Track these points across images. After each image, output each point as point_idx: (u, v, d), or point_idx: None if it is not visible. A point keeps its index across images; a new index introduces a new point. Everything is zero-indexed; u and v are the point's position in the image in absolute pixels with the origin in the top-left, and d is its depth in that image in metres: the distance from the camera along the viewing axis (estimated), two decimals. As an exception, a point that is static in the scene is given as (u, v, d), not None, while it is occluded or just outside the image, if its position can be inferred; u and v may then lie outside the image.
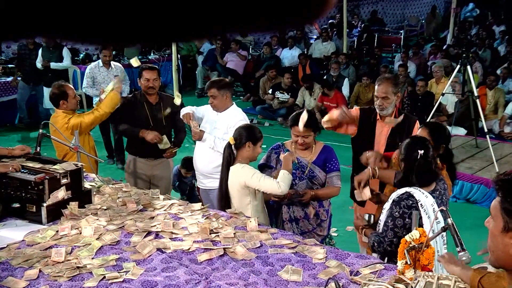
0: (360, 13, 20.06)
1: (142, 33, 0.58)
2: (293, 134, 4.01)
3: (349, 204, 5.13)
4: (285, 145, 4.16)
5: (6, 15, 0.55)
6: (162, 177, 5.18)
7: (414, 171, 3.12)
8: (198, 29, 0.58)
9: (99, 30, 0.57)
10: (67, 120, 4.65)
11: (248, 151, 3.83)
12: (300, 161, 4.05)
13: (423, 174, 3.13)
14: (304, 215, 4.07)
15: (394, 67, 12.22)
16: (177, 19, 0.57)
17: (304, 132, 3.92)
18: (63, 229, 3.35)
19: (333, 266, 2.93)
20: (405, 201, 3.06)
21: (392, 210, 3.11)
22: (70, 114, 4.74)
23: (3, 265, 2.98)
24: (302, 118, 3.84)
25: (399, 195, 3.11)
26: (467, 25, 17.54)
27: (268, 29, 0.62)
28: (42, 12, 0.55)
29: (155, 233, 3.37)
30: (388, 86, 4.14)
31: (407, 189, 3.10)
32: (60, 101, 4.71)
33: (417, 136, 3.41)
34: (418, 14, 21.72)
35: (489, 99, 9.45)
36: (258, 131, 3.93)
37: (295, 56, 12.79)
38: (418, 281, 2.34)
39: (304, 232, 4.06)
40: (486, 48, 12.91)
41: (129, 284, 2.77)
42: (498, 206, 1.92)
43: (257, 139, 3.86)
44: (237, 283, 2.77)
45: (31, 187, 3.55)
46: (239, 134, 3.86)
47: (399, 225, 3.07)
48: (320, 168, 4.06)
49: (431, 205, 3.03)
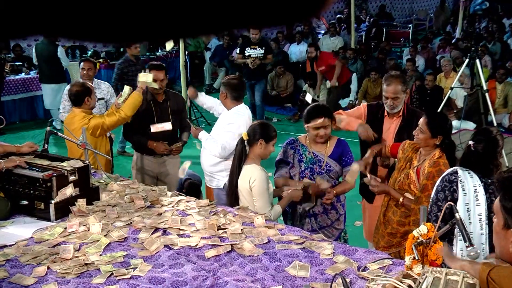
0: (368, 7, 19.98)
1: (149, 30, 0.58)
2: (311, 128, 3.97)
3: (358, 199, 5.12)
4: (300, 140, 4.14)
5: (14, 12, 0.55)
6: (169, 174, 5.19)
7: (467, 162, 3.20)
8: (204, 24, 0.58)
9: (105, 28, 0.57)
10: (87, 121, 4.53)
11: (260, 148, 3.80)
12: (316, 155, 4.04)
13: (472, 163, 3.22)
14: (323, 210, 4.08)
15: (403, 61, 12.15)
16: (183, 15, 0.56)
17: (325, 122, 3.92)
18: (71, 226, 3.36)
19: (341, 262, 2.92)
20: (449, 175, 3.16)
21: (437, 185, 3.22)
22: (89, 113, 4.65)
23: (12, 262, 2.99)
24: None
25: (448, 171, 3.22)
26: (477, 18, 17.42)
27: (274, 23, 0.61)
28: (46, 10, 0.55)
29: (163, 230, 3.37)
30: (398, 86, 4.13)
31: (456, 167, 3.19)
32: (85, 98, 4.59)
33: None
34: (427, 7, 21.59)
35: (499, 92, 9.38)
36: (272, 130, 3.89)
37: (303, 51, 12.75)
38: (426, 276, 2.33)
39: (322, 226, 4.08)
40: (496, 42, 12.81)
41: (136, 281, 2.78)
42: (499, 204, 2.00)
43: (270, 137, 3.83)
44: (244, 279, 2.77)
45: (39, 184, 3.57)
46: (253, 130, 3.84)
47: (441, 198, 3.14)
48: (336, 162, 4.07)
49: (473, 185, 3.08)
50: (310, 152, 4.04)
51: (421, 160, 3.68)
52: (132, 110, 4.70)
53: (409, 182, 3.71)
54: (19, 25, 0.56)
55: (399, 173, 3.80)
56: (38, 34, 0.60)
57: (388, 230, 3.87)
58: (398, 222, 3.80)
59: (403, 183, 3.74)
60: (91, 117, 4.59)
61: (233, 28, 0.61)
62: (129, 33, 0.58)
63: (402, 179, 3.75)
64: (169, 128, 5.00)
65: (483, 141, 3.17)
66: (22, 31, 0.57)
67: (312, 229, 4.01)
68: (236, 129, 4.40)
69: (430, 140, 3.57)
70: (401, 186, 3.76)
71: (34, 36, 0.63)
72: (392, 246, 3.86)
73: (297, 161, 4.04)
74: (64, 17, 0.55)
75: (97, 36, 0.59)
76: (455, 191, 3.09)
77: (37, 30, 0.58)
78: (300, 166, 4.04)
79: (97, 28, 0.57)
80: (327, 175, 4.04)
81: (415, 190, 3.66)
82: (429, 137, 3.57)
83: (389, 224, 3.87)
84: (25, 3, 0.55)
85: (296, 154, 4.05)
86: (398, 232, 3.80)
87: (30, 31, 0.58)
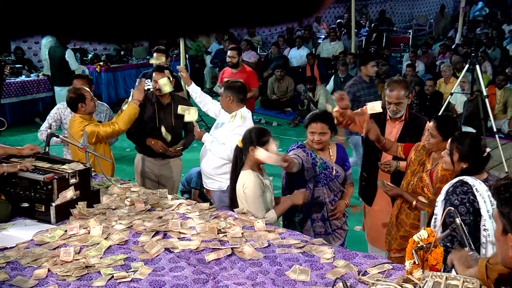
0: (369, 12, 20.02)
1: (148, 30, 0.58)
2: (309, 133, 4.00)
3: (357, 204, 5.14)
4: (306, 144, 4.12)
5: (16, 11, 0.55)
6: (170, 177, 5.21)
7: (480, 166, 3.20)
8: (203, 24, 0.58)
9: (106, 28, 0.57)
10: (82, 127, 4.51)
11: (252, 155, 3.72)
12: (324, 161, 4.07)
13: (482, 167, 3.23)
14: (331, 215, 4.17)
15: (403, 66, 12.18)
16: (182, 14, 0.57)
17: (322, 129, 3.93)
18: (72, 229, 3.37)
19: (341, 266, 2.92)
20: (460, 187, 3.10)
21: (449, 199, 3.11)
22: (87, 119, 4.62)
23: (12, 264, 2.99)
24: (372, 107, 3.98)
25: (453, 184, 3.15)
26: (477, 24, 17.47)
27: (272, 23, 0.62)
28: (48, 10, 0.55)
29: (163, 233, 3.38)
30: (400, 91, 4.17)
31: (459, 178, 3.14)
32: (79, 104, 4.59)
33: (468, 134, 3.44)
34: (427, 13, 21.65)
35: (498, 98, 9.40)
36: (263, 135, 3.74)
37: (303, 56, 12.78)
38: (426, 281, 2.33)
39: (334, 229, 4.17)
40: (495, 47, 12.83)
41: (137, 284, 2.78)
42: (497, 210, 2.02)
43: (263, 141, 3.70)
44: (244, 283, 2.77)
45: (40, 187, 3.57)
46: (244, 137, 3.80)
47: (463, 212, 3.04)
48: (341, 168, 4.14)
49: (486, 191, 3.04)
50: (319, 157, 4.07)
51: (434, 164, 3.69)
52: (127, 123, 4.65)
53: (423, 185, 3.72)
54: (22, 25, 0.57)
55: (412, 177, 3.81)
56: (39, 34, 0.60)
57: (400, 233, 3.89)
58: (411, 225, 3.81)
59: (416, 186, 3.76)
60: (87, 124, 4.56)
61: (230, 27, 0.62)
62: (131, 33, 0.59)
63: (415, 183, 3.76)
64: (168, 138, 4.99)
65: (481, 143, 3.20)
66: (24, 30, 0.58)
67: (325, 233, 4.06)
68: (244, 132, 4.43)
69: (442, 144, 3.56)
70: (414, 189, 3.77)
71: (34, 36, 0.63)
72: (404, 249, 3.87)
73: (311, 165, 4.05)
74: (65, 17, 0.56)
75: (98, 36, 0.60)
76: (474, 200, 3.03)
77: (38, 30, 0.58)
78: (315, 170, 4.05)
79: (97, 28, 0.57)
80: (336, 181, 4.12)
81: (428, 193, 3.67)
82: (440, 140, 3.58)
83: (401, 227, 3.89)
84: (27, 3, 0.55)
85: (309, 158, 4.07)
86: (411, 235, 3.79)
87: (30, 31, 0.59)
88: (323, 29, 16.92)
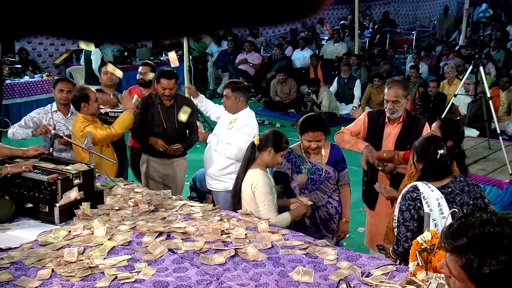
0: (372, 14, 20.01)
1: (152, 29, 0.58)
2: (305, 140, 4.00)
3: (361, 205, 5.13)
4: (294, 150, 4.13)
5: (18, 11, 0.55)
6: (174, 177, 5.22)
7: (433, 170, 3.15)
8: (205, 23, 0.58)
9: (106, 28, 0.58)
10: (83, 128, 4.53)
11: (268, 156, 3.79)
12: (314, 165, 4.07)
13: (439, 171, 3.16)
14: (329, 216, 4.16)
15: (406, 68, 12.17)
16: (185, 13, 0.57)
17: (319, 136, 3.94)
18: (76, 229, 3.37)
19: (345, 267, 2.92)
20: (410, 193, 3.09)
21: (400, 204, 3.15)
22: (89, 119, 4.63)
23: (16, 264, 3.00)
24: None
25: (407, 188, 3.15)
26: (481, 26, 17.45)
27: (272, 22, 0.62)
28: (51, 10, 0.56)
29: (167, 234, 3.38)
30: (399, 90, 4.16)
31: (415, 183, 3.13)
32: (82, 103, 4.60)
33: (430, 136, 3.41)
34: (430, 15, 21.63)
35: (502, 100, 9.38)
36: (284, 141, 3.84)
37: (306, 57, 12.78)
38: (430, 283, 2.33)
39: (329, 232, 4.19)
40: (499, 49, 12.81)
41: (140, 285, 2.79)
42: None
43: (280, 148, 3.80)
44: (248, 284, 2.78)
45: (44, 188, 3.58)
46: (265, 136, 3.85)
47: (407, 218, 3.08)
48: (333, 168, 4.12)
49: (436, 199, 3.03)
50: (307, 162, 4.07)
51: None
52: (122, 128, 4.69)
53: None
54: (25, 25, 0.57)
55: (409, 180, 3.80)
56: (42, 34, 0.60)
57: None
58: None
59: None
60: (87, 125, 4.55)
61: (230, 27, 0.62)
62: (133, 33, 0.59)
63: None
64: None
65: (441, 146, 3.16)
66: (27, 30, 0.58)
67: (320, 238, 4.07)
68: (251, 131, 4.46)
69: None
70: None
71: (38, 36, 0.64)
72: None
73: (295, 174, 4.07)
74: (66, 17, 0.56)
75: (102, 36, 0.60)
76: (420, 208, 3.04)
77: (41, 30, 0.59)
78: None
79: (98, 28, 0.58)
80: (327, 182, 4.08)
81: None
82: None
83: None
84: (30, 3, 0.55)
85: (293, 167, 4.07)
86: None
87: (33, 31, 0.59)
88: (327, 30, 16.93)
